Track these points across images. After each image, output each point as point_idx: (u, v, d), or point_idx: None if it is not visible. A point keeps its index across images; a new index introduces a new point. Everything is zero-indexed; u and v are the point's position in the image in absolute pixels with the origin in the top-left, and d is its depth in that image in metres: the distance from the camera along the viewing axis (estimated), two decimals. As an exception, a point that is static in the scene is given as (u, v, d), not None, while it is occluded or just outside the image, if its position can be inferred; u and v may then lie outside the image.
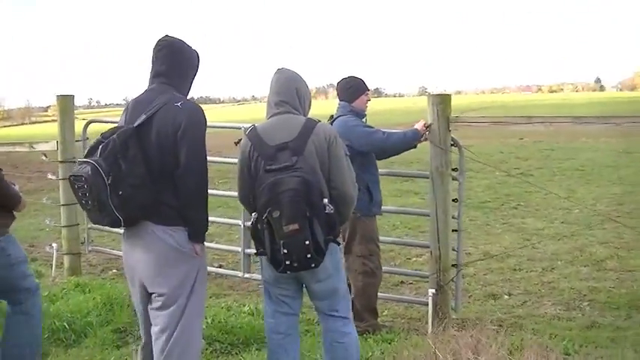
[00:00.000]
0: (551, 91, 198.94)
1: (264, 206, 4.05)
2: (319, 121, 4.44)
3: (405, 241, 8.83)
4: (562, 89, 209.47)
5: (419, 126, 5.76)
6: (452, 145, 5.80)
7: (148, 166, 4.08)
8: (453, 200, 5.92)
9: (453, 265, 5.98)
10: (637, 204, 13.14)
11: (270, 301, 4.54)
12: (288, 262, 4.05)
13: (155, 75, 4.38)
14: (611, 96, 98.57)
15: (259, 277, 7.68)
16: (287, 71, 4.52)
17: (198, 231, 4.25)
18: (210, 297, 7.37)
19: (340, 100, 6.13)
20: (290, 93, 4.42)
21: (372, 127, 5.90)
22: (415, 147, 5.89)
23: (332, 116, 6.06)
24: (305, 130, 4.27)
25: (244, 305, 6.85)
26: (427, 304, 5.96)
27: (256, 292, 7.68)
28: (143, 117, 4.15)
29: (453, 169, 5.86)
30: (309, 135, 4.26)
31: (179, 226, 4.18)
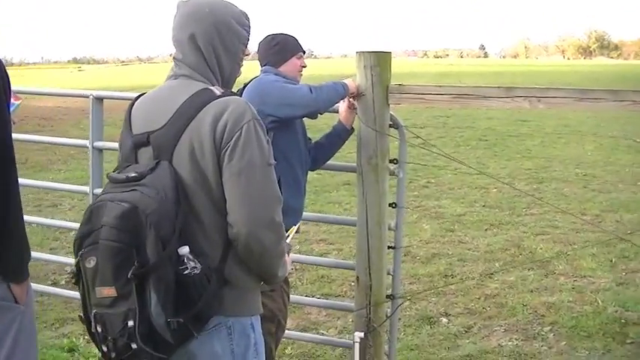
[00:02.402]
0: (437, 57, 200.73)
1: (78, 244, 2.31)
2: (233, 94, 2.51)
3: (320, 261, 6.37)
4: (447, 55, 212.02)
5: (349, 82, 3.93)
6: (390, 126, 4.01)
7: None
8: (390, 205, 4.15)
9: (387, 297, 4.21)
10: (557, 182, 11.87)
11: None
12: (105, 348, 2.29)
13: None
14: (498, 64, 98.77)
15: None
16: (189, 3, 2.57)
17: (12, 265, 2.65)
18: (52, 324, 5.45)
19: (262, 65, 4.18)
20: (183, 43, 2.54)
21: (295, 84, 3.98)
22: (352, 131, 4.13)
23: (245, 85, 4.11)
24: (183, 112, 2.40)
25: (93, 342, 4.95)
26: (348, 346, 4.23)
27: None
28: None
29: (391, 161, 4.08)
30: (189, 121, 2.39)
31: None
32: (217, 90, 2.45)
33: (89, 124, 4.98)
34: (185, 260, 2.27)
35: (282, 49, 4.11)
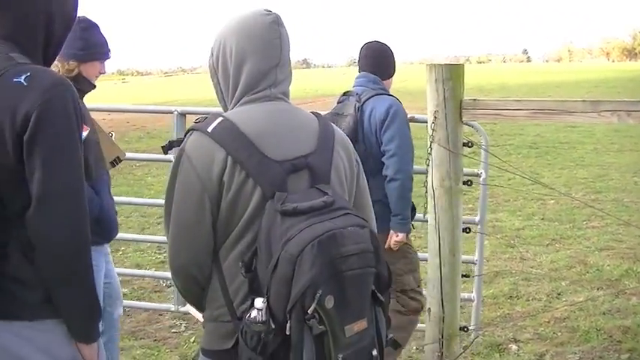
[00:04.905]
0: (480, 62, 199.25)
1: (313, 289, 1.97)
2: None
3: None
4: (490, 60, 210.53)
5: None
6: (465, 144, 3.71)
7: None
8: (464, 231, 3.86)
9: (462, 329, 3.92)
10: (616, 192, 11.41)
11: None
12: None
13: None
14: (542, 69, 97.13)
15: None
16: (273, 17, 2.34)
17: (82, 320, 2.32)
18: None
19: (365, 71, 4.45)
20: (288, 59, 2.40)
21: None
22: None
23: (347, 93, 4.47)
24: (326, 135, 2.35)
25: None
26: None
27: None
28: None
29: (465, 183, 3.79)
30: (333, 143, 2.35)
31: (44, 319, 2.28)
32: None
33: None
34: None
35: (391, 64, 4.47)
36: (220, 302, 2.27)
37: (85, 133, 3.37)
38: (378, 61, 4.38)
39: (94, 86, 3.77)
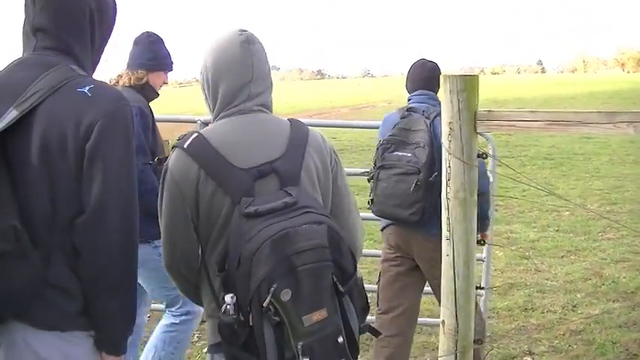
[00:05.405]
0: (494, 73, 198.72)
1: (268, 282, 2.16)
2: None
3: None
4: (504, 71, 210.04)
5: None
6: (479, 156, 3.69)
7: (23, 213, 2.16)
8: (479, 242, 3.83)
9: (475, 341, 3.88)
10: (632, 203, 11.34)
11: None
12: None
13: (35, 35, 2.36)
14: (557, 81, 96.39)
15: None
16: (252, 38, 2.60)
17: (116, 332, 2.34)
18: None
19: (422, 88, 4.53)
20: (267, 75, 2.63)
21: None
22: None
23: (410, 109, 4.44)
24: (297, 140, 2.55)
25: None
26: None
27: None
28: (11, 114, 2.17)
29: (479, 194, 3.76)
30: (305, 147, 2.54)
31: (74, 330, 2.27)
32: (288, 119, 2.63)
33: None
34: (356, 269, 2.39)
35: (439, 81, 4.43)
36: (210, 298, 2.49)
37: None
38: (434, 80, 4.49)
39: (158, 94, 4.09)
